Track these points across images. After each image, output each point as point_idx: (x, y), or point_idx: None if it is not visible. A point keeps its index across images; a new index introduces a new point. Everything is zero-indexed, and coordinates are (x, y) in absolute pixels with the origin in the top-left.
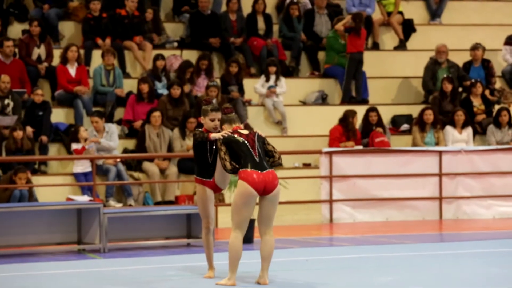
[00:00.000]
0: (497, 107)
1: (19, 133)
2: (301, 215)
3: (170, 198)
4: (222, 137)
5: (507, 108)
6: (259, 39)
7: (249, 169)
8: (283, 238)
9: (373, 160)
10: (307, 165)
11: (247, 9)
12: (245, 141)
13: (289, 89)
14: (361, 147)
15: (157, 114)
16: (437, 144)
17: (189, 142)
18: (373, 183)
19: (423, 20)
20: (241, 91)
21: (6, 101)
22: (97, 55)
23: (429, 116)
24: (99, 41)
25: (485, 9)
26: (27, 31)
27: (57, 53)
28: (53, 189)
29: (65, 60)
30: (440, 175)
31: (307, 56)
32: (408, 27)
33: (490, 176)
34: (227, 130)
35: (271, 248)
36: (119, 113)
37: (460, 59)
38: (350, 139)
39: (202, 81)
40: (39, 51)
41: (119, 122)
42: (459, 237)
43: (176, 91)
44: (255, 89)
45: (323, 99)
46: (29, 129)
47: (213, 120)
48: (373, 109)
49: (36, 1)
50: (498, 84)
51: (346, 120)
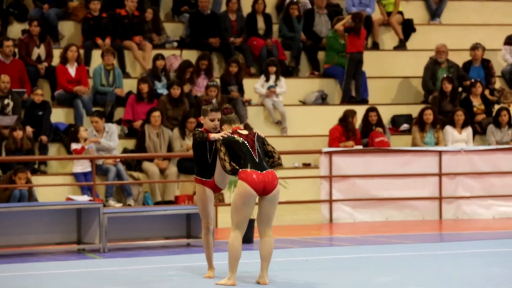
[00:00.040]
0: (497, 107)
1: (19, 133)
2: (301, 215)
3: (170, 198)
4: (221, 138)
5: (507, 108)
6: (259, 39)
7: (248, 169)
8: (283, 238)
9: (373, 160)
10: (307, 165)
11: (247, 9)
12: (245, 141)
13: (289, 89)
14: (361, 147)
15: (157, 114)
16: (437, 144)
17: (189, 142)
18: (373, 183)
19: (423, 20)
20: (241, 91)
21: (6, 101)
22: (97, 55)
23: (429, 116)
24: (99, 41)
25: (485, 9)
26: (27, 31)
27: (57, 53)
28: (53, 189)
29: (65, 60)
30: (440, 175)
31: (307, 56)
32: (408, 27)
33: (490, 176)
34: (226, 130)
35: (271, 248)
36: (119, 113)
37: (460, 59)
38: (350, 139)
39: (202, 81)
40: (39, 51)
41: (119, 122)
42: (459, 237)
43: (176, 91)
44: (255, 89)
45: (323, 99)
46: (29, 129)
47: (213, 120)
48: (373, 109)
49: (36, 1)
50: (498, 84)
51: (346, 120)
